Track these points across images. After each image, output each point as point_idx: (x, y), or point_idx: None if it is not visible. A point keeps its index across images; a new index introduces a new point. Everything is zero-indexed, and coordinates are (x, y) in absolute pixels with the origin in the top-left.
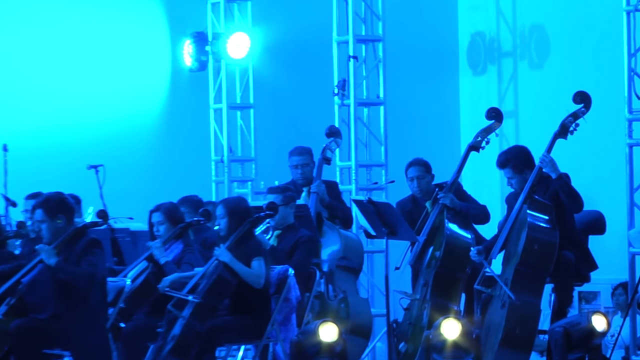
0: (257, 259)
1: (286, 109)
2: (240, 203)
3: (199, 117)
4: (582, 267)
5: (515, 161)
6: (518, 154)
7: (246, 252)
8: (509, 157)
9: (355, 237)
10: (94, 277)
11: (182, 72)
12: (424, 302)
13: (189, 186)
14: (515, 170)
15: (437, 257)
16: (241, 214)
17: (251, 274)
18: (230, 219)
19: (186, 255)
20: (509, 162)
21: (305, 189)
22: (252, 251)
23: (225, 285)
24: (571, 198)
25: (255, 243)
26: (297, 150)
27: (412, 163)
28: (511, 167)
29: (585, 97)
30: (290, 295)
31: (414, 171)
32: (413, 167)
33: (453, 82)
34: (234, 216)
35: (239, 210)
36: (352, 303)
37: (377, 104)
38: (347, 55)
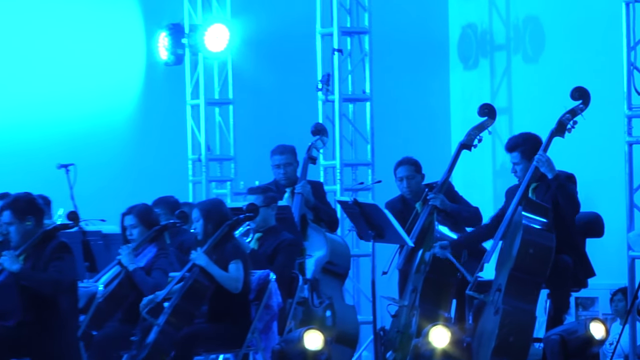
0: (235, 262)
1: (267, 105)
2: (216, 206)
3: (175, 113)
4: (579, 272)
5: (525, 146)
6: (529, 140)
7: (224, 255)
8: (520, 141)
9: (341, 240)
10: (60, 284)
11: (157, 66)
12: (412, 309)
13: (164, 186)
14: (524, 156)
15: (427, 261)
16: (217, 217)
17: (228, 278)
18: (206, 222)
19: (159, 261)
20: (518, 146)
21: (288, 189)
22: (230, 254)
23: (201, 291)
24: (567, 200)
25: (233, 246)
26: (279, 149)
27: (401, 162)
28: (520, 152)
29: (583, 93)
30: (271, 301)
31: (403, 171)
32: (402, 167)
33: (443, 77)
34: (210, 219)
35: (215, 213)
36: (338, 310)
37: (363, 99)
38: (332, 49)
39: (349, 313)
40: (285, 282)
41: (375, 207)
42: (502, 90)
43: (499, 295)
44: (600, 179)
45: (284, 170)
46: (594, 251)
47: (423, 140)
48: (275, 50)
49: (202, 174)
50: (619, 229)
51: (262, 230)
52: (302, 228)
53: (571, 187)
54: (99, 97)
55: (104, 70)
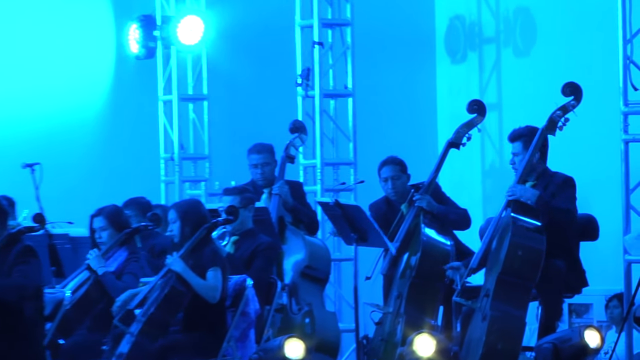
0: (213, 270)
1: (244, 101)
2: (194, 207)
3: (147, 110)
4: (572, 278)
5: (527, 137)
6: (532, 132)
7: (201, 261)
8: (524, 132)
9: (321, 243)
10: (25, 290)
11: (127, 60)
12: (397, 316)
13: (135, 187)
14: (525, 147)
15: (413, 265)
16: (196, 218)
17: (205, 287)
18: (183, 224)
19: (130, 265)
20: (522, 136)
21: (265, 190)
22: (208, 260)
23: (178, 299)
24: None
25: (212, 251)
26: (257, 148)
27: (385, 162)
28: (522, 142)
29: (575, 89)
30: (248, 308)
31: (387, 171)
32: (387, 167)
33: (429, 71)
34: (188, 221)
35: (193, 215)
36: (318, 317)
37: (345, 95)
38: (312, 41)
39: (329, 320)
40: (263, 288)
41: (358, 208)
42: (491, 86)
43: (487, 300)
44: (594, 179)
45: (262, 170)
46: (588, 255)
47: (408, 139)
48: (252, 43)
49: (175, 173)
50: (614, 231)
51: (239, 233)
52: (280, 231)
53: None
54: (66, 93)
55: (71, 64)
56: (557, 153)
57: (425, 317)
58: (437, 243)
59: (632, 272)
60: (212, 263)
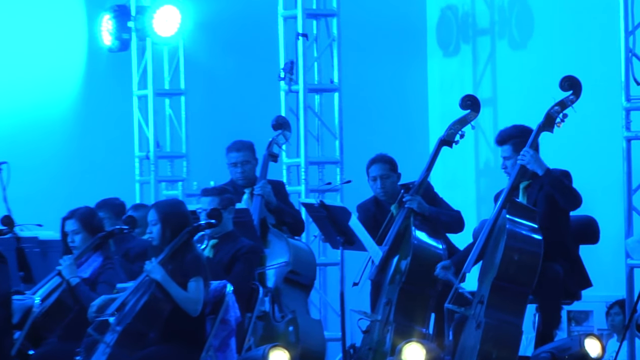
0: (195, 280)
1: (223, 96)
2: (177, 207)
3: (120, 105)
4: (573, 283)
5: (519, 139)
6: (524, 132)
7: (182, 269)
8: (513, 133)
9: (306, 247)
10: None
11: (100, 52)
12: (386, 324)
13: (108, 187)
14: (516, 150)
15: (403, 270)
16: (178, 221)
17: (187, 299)
18: (164, 226)
19: (105, 272)
20: (511, 138)
21: (246, 190)
22: (189, 269)
23: (158, 308)
24: (564, 195)
25: (194, 258)
26: (236, 145)
27: (374, 160)
28: (512, 145)
29: (574, 83)
30: (228, 316)
31: (377, 169)
32: (376, 165)
33: (420, 65)
34: (170, 223)
35: (176, 217)
36: (302, 325)
37: (331, 90)
38: (296, 33)
39: (314, 328)
40: (244, 294)
41: (344, 210)
42: (485, 80)
43: (481, 307)
44: (594, 178)
45: (242, 169)
46: (588, 259)
47: (398, 136)
48: (232, 34)
49: (150, 173)
50: (615, 234)
51: (218, 236)
52: (262, 233)
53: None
54: (35, 88)
55: (40, 57)
56: (555, 151)
57: (416, 325)
58: (429, 247)
59: (634, 277)
60: (194, 272)
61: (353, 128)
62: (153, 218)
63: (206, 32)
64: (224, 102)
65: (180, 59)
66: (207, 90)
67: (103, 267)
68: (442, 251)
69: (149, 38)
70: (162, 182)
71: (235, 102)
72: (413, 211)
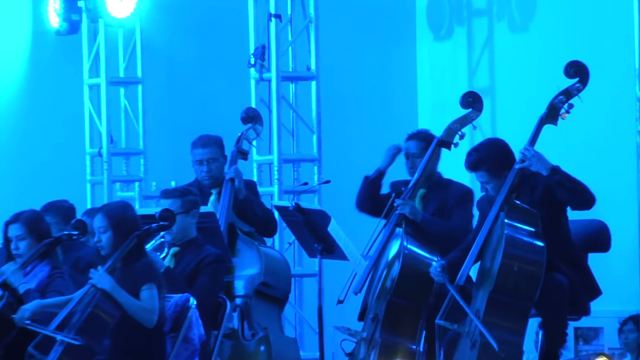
0: (148, 287)
1: (186, 85)
2: (126, 211)
3: (69, 96)
4: (580, 295)
5: (491, 162)
6: (493, 152)
7: (133, 277)
8: (482, 156)
9: (279, 256)
10: None
11: (46, 36)
12: (372, 342)
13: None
14: (492, 174)
15: (391, 282)
16: (129, 225)
17: (140, 309)
18: (115, 232)
19: (55, 281)
20: (482, 163)
21: (213, 191)
22: (140, 276)
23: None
24: (575, 195)
25: (145, 265)
26: (202, 141)
27: (412, 135)
28: (486, 170)
29: (581, 69)
30: (191, 334)
31: (413, 146)
32: (413, 141)
33: (408, 50)
34: (121, 229)
35: (127, 221)
36: (275, 344)
37: (308, 78)
38: (268, 13)
39: (288, 348)
40: (209, 309)
41: (323, 214)
42: (482, 67)
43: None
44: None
45: (208, 168)
46: (598, 269)
47: (383, 130)
48: (195, 15)
49: (103, 172)
50: (628, 241)
51: (180, 243)
52: (230, 241)
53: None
54: None
55: None
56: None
57: (405, 341)
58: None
59: None
60: (146, 279)
61: (332, 121)
62: (102, 225)
63: (166, 13)
64: (186, 92)
65: (137, 43)
66: (167, 78)
67: (51, 276)
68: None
69: (102, 19)
70: (116, 182)
71: (200, 92)
72: (405, 218)
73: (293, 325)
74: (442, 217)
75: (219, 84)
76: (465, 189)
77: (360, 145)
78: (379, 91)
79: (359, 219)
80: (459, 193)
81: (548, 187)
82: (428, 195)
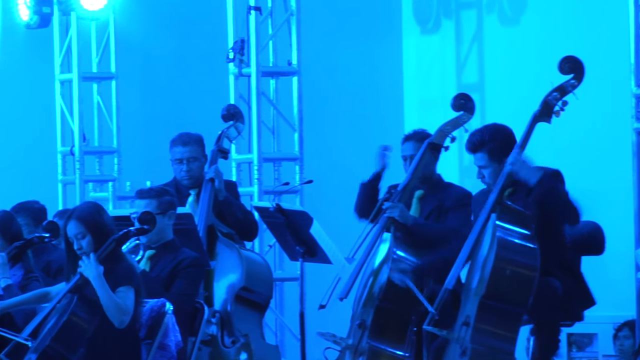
0: (125, 288)
1: (162, 81)
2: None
3: (40, 91)
4: (574, 301)
5: (493, 144)
6: (498, 135)
7: (113, 279)
8: (486, 137)
9: (260, 259)
10: None
11: (16, 29)
12: (359, 349)
13: (26, 188)
14: (492, 157)
15: (379, 287)
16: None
17: (115, 305)
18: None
19: (32, 284)
20: (485, 144)
21: (192, 191)
22: (121, 277)
23: (79, 329)
24: (561, 209)
25: (127, 268)
26: (182, 139)
27: (409, 137)
28: (487, 152)
29: (575, 65)
30: (168, 340)
31: (409, 148)
32: (409, 143)
33: (394, 44)
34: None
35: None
36: (256, 351)
37: (289, 73)
38: (247, 6)
39: (270, 355)
40: (186, 315)
41: (305, 215)
42: (471, 61)
43: (467, 330)
44: (599, 178)
45: (188, 167)
46: (592, 273)
47: (368, 127)
48: (171, 8)
49: (75, 171)
50: (624, 243)
51: (156, 246)
52: (209, 243)
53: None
54: None
55: None
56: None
57: (393, 348)
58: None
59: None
60: (125, 281)
61: (315, 119)
62: (79, 231)
63: (141, 5)
64: (162, 89)
65: (110, 36)
66: (142, 73)
67: (27, 279)
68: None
69: (74, 12)
70: (89, 182)
71: (176, 88)
72: (394, 221)
73: (274, 332)
74: (437, 219)
75: (197, 80)
76: (464, 192)
77: (344, 144)
78: (363, 87)
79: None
80: (458, 195)
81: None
82: (426, 197)
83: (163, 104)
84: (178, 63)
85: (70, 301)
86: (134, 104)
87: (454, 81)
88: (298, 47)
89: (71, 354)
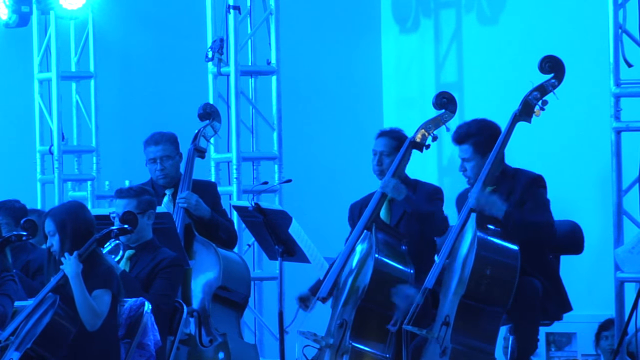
0: (102, 292)
1: (141, 80)
2: (77, 212)
3: (19, 91)
4: (551, 304)
5: (479, 137)
6: (484, 129)
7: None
8: (472, 130)
9: (238, 258)
10: None
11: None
12: (340, 348)
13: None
14: (477, 150)
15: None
16: (79, 228)
17: (91, 308)
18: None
19: (6, 285)
20: (471, 136)
21: (167, 191)
22: (99, 280)
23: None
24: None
25: (104, 271)
26: (154, 138)
27: (384, 133)
28: (472, 144)
29: (556, 65)
30: (146, 339)
31: (381, 144)
32: (382, 139)
33: (373, 43)
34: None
35: (77, 224)
36: (234, 350)
37: (268, 72)
38: (226, 5)
39: (248, 354)
40: (165, 314)
41: (284, 214)
42: (450, 61)
43: (447, 330)
44: (578, 177)
45: (162, 166)
46: (570, 272)
47: (347, 127)
48: (150, 7)
49: (54, 171)
50: (603, 242)
51: (135, 245)
52: (187, 242)
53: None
54: None
55: None
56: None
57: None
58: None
59: (624, 293)
60: (102, 284)
61: (293, 118)
62: (51, 228)
63: (120, 5)
64: (140, 88)
65: (89, 36)
66: (121, 73)
67: (3, 279)
68: (408, 269)
69: (53, 11)
70: (67, 181)
71: (155, 87)
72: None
73: (252, 331)
74: (409, 223)
75: (175, 79)
76: (433, 187)
77: (323, 143)
78: (342, 86)
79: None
80: (428, 192)
81: (520, 198)
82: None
83: (142, 103)
84: (157, 62)
85: (53, 302)
86: (113, 103)
87: (433, 80)
88: (277, 46)
89: (53, 356)
